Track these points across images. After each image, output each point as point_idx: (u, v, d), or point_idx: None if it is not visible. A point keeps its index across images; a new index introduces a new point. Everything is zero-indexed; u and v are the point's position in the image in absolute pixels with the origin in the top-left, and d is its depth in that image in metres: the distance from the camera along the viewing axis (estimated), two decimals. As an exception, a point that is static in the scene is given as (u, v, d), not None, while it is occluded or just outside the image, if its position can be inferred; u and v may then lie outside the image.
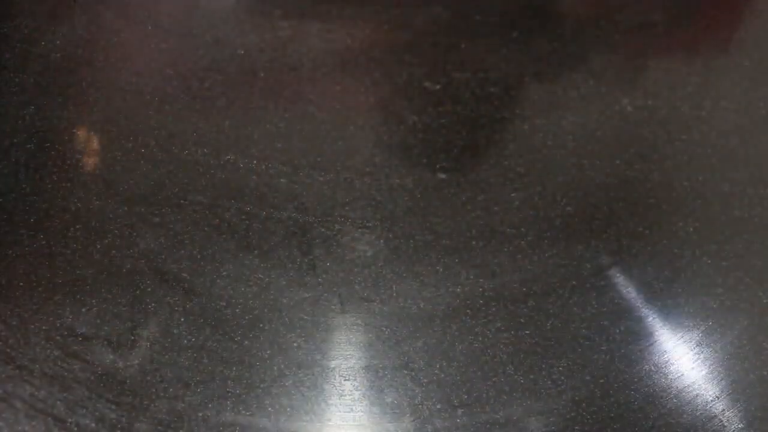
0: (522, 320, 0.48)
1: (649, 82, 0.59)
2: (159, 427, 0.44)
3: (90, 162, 0.55)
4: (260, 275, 0.49)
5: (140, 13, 0.64)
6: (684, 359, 0.47)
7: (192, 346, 0.47)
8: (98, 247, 0.50)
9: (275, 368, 0.46)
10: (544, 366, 0.46)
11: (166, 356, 0.46)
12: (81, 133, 0.56)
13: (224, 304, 0.48)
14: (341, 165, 0.55)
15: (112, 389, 0.45)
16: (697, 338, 0.47)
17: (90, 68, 0.60)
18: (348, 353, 0.47)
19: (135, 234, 0.51)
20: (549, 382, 0.46)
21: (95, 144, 0.56)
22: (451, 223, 0.52)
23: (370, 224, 0.52)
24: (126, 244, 0.50)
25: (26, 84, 0.59)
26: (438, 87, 0.59)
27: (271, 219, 0.52)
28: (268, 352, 0.47)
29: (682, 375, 0.46)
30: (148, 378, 0.45)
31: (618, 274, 0.50)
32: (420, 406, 0.45)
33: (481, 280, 0.49)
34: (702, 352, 0.47)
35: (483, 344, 0.47)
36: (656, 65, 0.60)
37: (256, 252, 0.50)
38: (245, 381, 0.46)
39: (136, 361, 0.46)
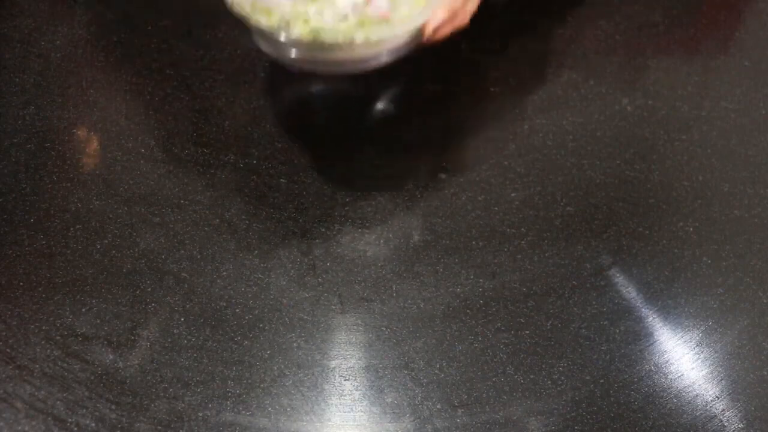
0: (522, 320, 0.48)
1: (649, 82, 0.59)
2: (159, 427, 0.44)
3: (90, 162, 0.55)
4: (260, 275, 0.49)
5: (140, 13, 0.64)
6: (684, 359, 0.47)
7: (192, 346, 0.47)
8: (98, 247, 0.50)
9: (275, 368, 0.46)
10: (544, 366, 0.46)
11: (166, 356, 0.46)
12: (81, 133, 0.56)
13: (224, 304, 0.48)
14: (341, 165, 0.55)
15: (112, 389, 0.45)
16: (697, 338, 0.47)
17: (90, 68, 0.60)
18: (348, 353, 0.47)
19: (135, 234, 0.51)
20: (549, 382, 0.46)
21: (95, 144, 0.56)
22: (451, 223, 0.52)
23: (370, 224, 0.52)
24: (126, 244, 0.50)
25: (26, 84, 0.59)
26: (438, 87, 0.59)
27: (271, 219, 0.52)
28: (268, 352, 0.47)
29: (682, 375, 0.46)
30: (148, 378, 0.45)
31: (618, 274, 0.50)
32: (420, 406, 0.45)
33: (481, 280, 0.49)
34: (702, 352, 0.47)
35: (483, 344, 0.47)
36: (656, 65, 0.60)
37: (256, 252, 0.50)
38: (245, 381, 0.46)
39: (136, 361, 0.46)
